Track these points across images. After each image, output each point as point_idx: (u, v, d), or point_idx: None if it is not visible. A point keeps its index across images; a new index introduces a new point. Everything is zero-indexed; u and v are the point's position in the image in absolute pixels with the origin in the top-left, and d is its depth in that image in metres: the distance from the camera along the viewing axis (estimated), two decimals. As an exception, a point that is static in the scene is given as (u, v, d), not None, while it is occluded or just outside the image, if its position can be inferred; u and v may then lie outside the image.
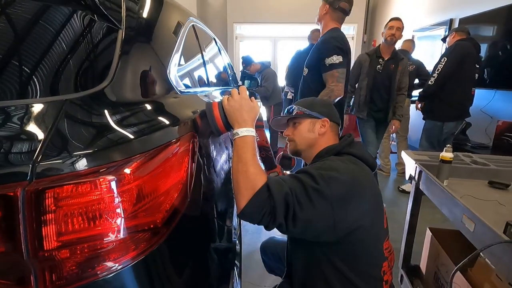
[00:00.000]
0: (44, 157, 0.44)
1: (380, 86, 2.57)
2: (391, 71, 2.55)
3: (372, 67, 2.57)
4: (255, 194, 0.74)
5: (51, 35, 0.62)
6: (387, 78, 2.55)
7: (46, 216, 0.44)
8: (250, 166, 0.78)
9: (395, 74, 2.54)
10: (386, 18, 5.48)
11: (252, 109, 0.88)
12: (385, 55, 2.56)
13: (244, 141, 0.82)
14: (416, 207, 1.46)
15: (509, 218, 0.78)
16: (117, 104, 0.60)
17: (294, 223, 0.74)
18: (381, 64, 2.55)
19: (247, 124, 0.84)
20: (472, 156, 1.43)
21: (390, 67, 2.55)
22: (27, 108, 0.50)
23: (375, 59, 2.58)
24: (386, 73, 2.55)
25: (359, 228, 0.80)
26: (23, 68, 0.58)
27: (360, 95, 2.63)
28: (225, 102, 0.88)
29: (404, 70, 2.58)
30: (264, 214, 0.74)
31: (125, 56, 0.66)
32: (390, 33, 2.47)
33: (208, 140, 0.87)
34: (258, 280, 1.69)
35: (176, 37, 0.98)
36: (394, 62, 2.55)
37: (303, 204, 0.74)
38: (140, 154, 0.53)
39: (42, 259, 0.44)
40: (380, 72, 2.55)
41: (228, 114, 0.87)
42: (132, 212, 0.51)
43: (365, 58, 2.63)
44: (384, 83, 2.56)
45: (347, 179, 0.79)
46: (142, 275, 0.54)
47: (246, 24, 6.09)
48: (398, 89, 2.59)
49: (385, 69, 2.55)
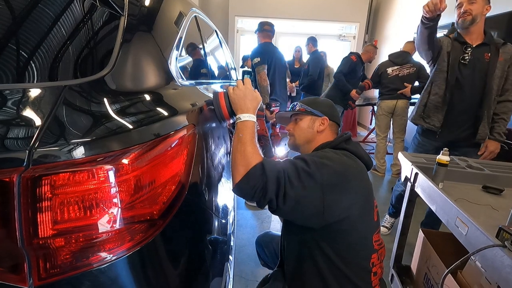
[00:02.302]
0: (41, 143, 0.43)
1: (466, 86, 1.68)
2: (485, 62, 1.64)
3: (455, 55, 1.68)
4: (249, 170, 0.80)
5: (51, 19, 0.61)
6: (479, 73, 1.65)
7: (41, 204, 0.43)
8: (247, 146, 0.84)
9: (494, 66, 1.62)
10: (388, 18, 5.48)
11: (255, 98, 0.95)
12: (471, 41, 1.66)
13: (245, 125, 0.89)
14: (410, 208, 1.47)
15: (502, 222, 0.79)
16: (117, 92, 0.59)
17: (284, 200, 0.79)
18: (467, 53, 1.65)
19: (249, 111, 0.92)
20: (467, 160, 1.44)
21: (484, 56, 1.64)
22: (25, 93, 0.49)
23: (458, 46, 1.69)
24: (476, 66, 1.65)
25: (347, 217, 0.84)
26: (21, 52, 0.56)
27: (430, 93, 1.77)
28: (231, 91, 0.95)
29: (510, 61, 1.64)
30: (256, 190, 0.79)
31: (126, 44, 0.64)
32: (459, 13, 1.63)
33: (208, 133, 0.87)
34: (250, 275, 1.70)
35: (178, 27, 0.97)
36: (490, 50, 1.63)
37: (294, 183, 0.79)
38: (139, 144, 0.53)
39: (37, 246, 0.44)
40: (467, 65, 1.66)
41: (232, 102, 0.94)
42: (128, 203, 0.50)
43: (448, 42, 1.72)
44: (473, 82, 1.66)
45: (339, 168, 0.85)
46: (137, 266, 0.54)
47: (248, 18, 6.04)
48: (500, 91, 1.67)
49: (475, 60, 1.65)
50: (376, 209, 0.95)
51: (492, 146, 1.70)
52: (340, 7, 5.77)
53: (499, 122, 1.69)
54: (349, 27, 6.21)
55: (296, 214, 0.83)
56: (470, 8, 1.59)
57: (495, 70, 1.62)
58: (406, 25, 4.69)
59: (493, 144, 1.71)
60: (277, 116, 1.21)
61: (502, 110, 1.69)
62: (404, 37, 3.94)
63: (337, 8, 5.78)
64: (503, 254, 0.73)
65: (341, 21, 6.00)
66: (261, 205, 0.82)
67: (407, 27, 4.58)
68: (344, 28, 6.27)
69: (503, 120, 1.68)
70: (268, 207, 0.83)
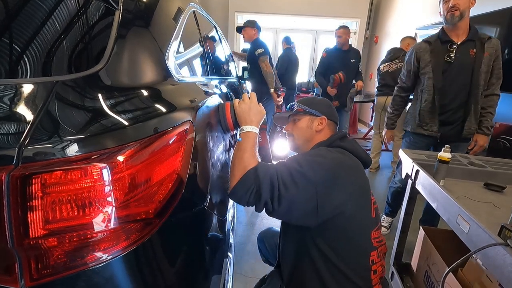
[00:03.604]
0: (32, 140, 0.42)
1: (453, 85, 1.68)
2: (471, 59, 1.63)
3: (437, 58, 1.68)
4: (244, 174, 0.81)
5: (44, 12, 0.59)
6: (465, 70, 1.64)
7: (32, 203, 0.42)
8: (245, 153, 0.86)
9: (480, 62, 1.62)
10: (389, 15, 5.44)
11: (259, 112, 0.99)
12: (456, 37, 1.65)
13: (247, 135, 0.92)
14: (411, 206, 1.46)
15: (504, 220, 0.78)
16: (112, 88, 0.57)
17: (279, 202, 0.79)
18: (451, 51, 1.65)
19: (252, 123, 0.95)
20: (469, 157, 1.43)
21: (469, 53, 1.63)
22: (16, 88, 0.48)
23: (441, 46, 1.68)
24: (463, 63, 1.64)
25: (341, 213, 0.83)
26: (13, 46, 0.55)
27: (421, 101, 1.78)
28: (236, 104, 0.99)
29: (496, 55, 1.63)
30: (251, 193, 0.80)
31: (121, 39, 0.63)
32: (447, 7, 1.60)
33: (206, 130, 0.85)
34: (250, 272, 1.70)
35: (176, 22, 0.95)
36: (475, 46, 1.63)
37: (288, 184, 0.80)
38: (134, 141, 0.51)
39: (28, 247, 0.43)
40: (452, 63, 1.66)
41: (238, 115, 0.98)
42: (123, 202, 0.49)
43: (424, 48, 1.74)
44: (460, 79, 1.66)
45: (331, 164, 0.85)
46: (133, 266, 0.53)
47: (248, 14, 5.99)
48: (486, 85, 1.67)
49: (461, 57, 1.64)
50: (375, 206, 0.94)
51: (482, 141, 1.72)
52: (341, 3, 5.72)
53: (486, 116, 1.71)
54: (350, 23, 6.16)
55: (292, 215, 0.83)
56: (458, 3, 1.57)
57: (481, 65, 1.63)
58: (407, 21, 4.66)
59: (482, 138, 1.73)
60: (275, 117, 1.22)
61: (488, 104, 1.70)
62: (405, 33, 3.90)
63: (338, 4, 5.74)
64: (505, 253, 0.72)
65: (342, 17, 5.95)
66: (258, 209, 0.82)
67: (408, 23, 4.55)
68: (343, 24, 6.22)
69: (490, 114, 1.70)
70: (265, 210, 0.83)
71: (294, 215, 0.83)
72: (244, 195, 0.80)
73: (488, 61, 1.63)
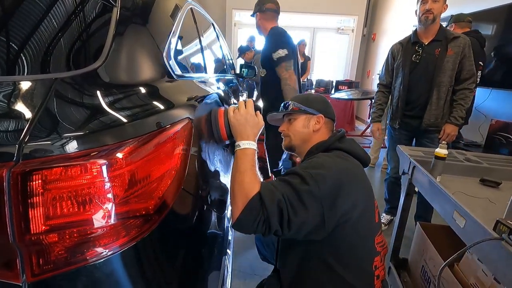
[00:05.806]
0: (32, 137, 0.42)
1: (418, 83, 1.85)
2: (435, 57, 1.79)
3: (406, 58, 1.87)
4: (248, 203, 0.74)
5: (42, 9, 0.59)
6: (430, 68, 1.80)
7: (33, 199, 0.42)
8: (245, 176, 0.78)
9: (442, 60, 1.76)
10: (387, 12, 5.44)
11: (257, 124, 0.90)
12: (425, 38, 1.82)
13: (245, 153, 0.84)
14: (408, 201, 1.47)
15: (499, 215, 0.79)
16: (111, 85, 0.57)
17: (289, 227, 0.74)
18: (418, 52, 1.83)
19: (249, 138, 0.87)
20: (465, 153, 1.44)
21: (435, 52, 1.79)
22: (15, 85, 0.48)
23: (411, 47, 1.86)
24: (428, 62, 1.81)
25: (347, 221, 0.80)
26: (11, 44, 0.55)
27: (393, 97, 2.01)
28: (231, 114, 0.90)
29: (463, 53, 1.76)
30: (258, 223, 0.73)
31: (119, 36, 0.63)
32: (423, 9, 1.74)
33: (204, 126, 0.85)
34: (248, 269, 1.71)
35: (173, 19, 0.95)
36: (441, 45, 1.78)
37: (296, 207, 0.74)
38: (133, 138, 0.51)
39: (29, 242, 0.43)
40: (418, 63, 1.83)
41: (232, 126, 0.90)
42: (123, 198, 0.50)
43: (398, 49, 1.94)
44: (424, 78, 1.83)
45: (334, 174, 0.80)
46: (133, 261, 0.53)
47: (245, 11, 5.97)
48: (457, 81, 1.81)
49: (427, 57, 1.81)
50: (377, 210, 0.91)
51: (449, 129, 1.85)
52: (338, 0, 5.71)
53: (456, 107, 1.83)
54: (347, 20, 6.16)
55: (300, 234, 0.78)
56: (433, 7, 1.72)
57: (444, 63, 1.77)
58: (404, 18, 4.65)
59: (449, 127, 1.85)
60: (269, 117, 1.13)
61: (459, 96, 1.83)
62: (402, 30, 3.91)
63: (335, 1, 5.73)
64: (500, 247, 0.73)
65: (339, 14, 5.95)
66: (266, 236, 0.77)
67: (406, 20, 4.55)
68: (342, 21, 6.23)
69: (461, 105, 1.82)
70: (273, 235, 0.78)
71: (302, 233, 0.78)
72: (250, 226, 0.74)
73: (453, 59, 1.77)
